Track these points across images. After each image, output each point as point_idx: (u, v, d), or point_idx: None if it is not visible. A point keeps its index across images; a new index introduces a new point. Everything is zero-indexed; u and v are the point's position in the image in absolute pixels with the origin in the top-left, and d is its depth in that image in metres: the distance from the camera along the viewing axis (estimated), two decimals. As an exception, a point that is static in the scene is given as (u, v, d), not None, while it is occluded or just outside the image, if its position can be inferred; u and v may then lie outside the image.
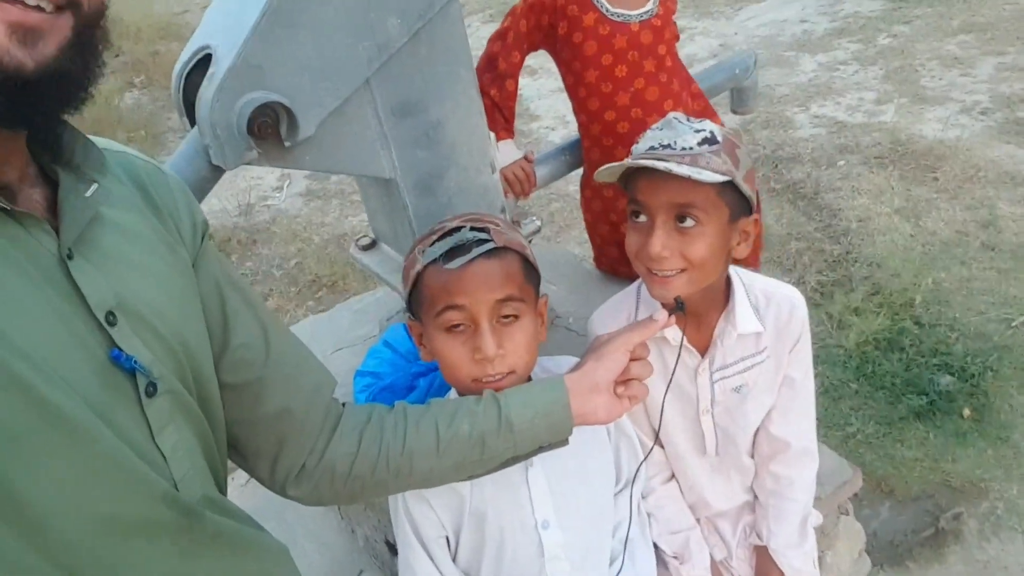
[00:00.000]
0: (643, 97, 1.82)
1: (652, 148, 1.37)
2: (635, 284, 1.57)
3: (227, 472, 1.10)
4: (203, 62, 1.33)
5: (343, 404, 1.25)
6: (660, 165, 1.30)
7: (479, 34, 6.41)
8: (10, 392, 0.77)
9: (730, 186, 1.35)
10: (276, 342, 1.16)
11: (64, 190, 0.89)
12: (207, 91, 1.26)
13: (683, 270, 1.37)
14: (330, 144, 1.39)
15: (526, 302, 1.30)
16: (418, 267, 1.29)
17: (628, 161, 1.36)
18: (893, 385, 3.08)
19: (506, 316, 1.27)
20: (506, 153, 1.84)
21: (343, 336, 1.85)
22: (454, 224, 1.31)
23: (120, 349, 0.88)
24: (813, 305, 3.37)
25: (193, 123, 1.34)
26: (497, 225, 1.32)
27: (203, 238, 1.10)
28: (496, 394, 1.23)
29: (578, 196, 2.06)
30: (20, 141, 0.87)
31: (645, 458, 1.50)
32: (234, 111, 1.26)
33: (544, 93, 5.89)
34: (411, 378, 1.56)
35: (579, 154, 1.95)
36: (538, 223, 1.68)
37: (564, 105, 5.44)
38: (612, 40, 1.79)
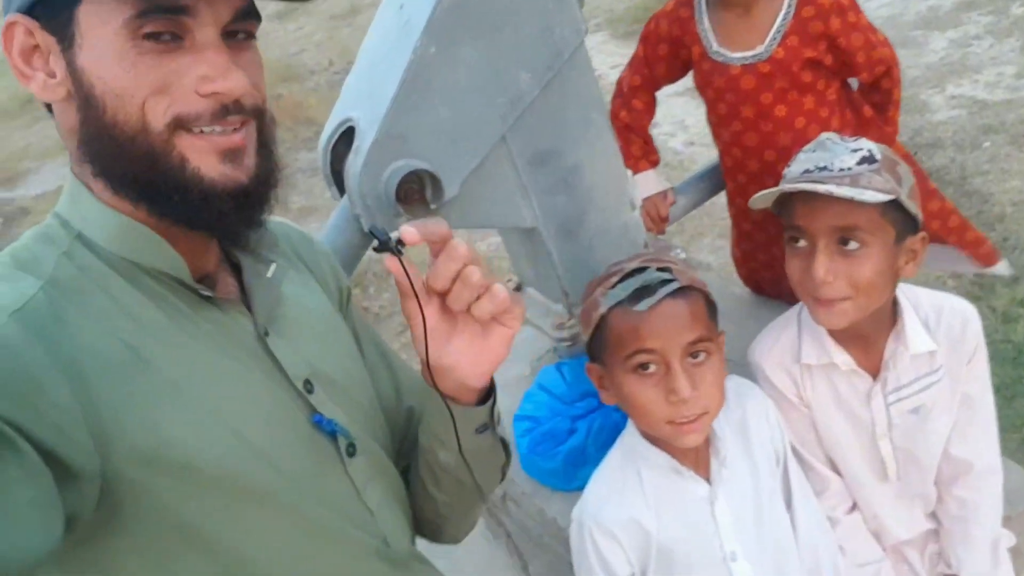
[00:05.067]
0: (741, 140, 1.75)
1: (807, 171, 1.32)
2: (795, 310, 1.52)
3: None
4: (347, 133, 1.37)
5: None
6: (820, 188, 1.26)
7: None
8: (225, 477, 0.82)
9: (894, 205, 1.29)
10: (405, 387, 1.16)
11: (248, 274, 0.95)
12: (354, 165, 1.30)
13: (849, 297, 1.32)
14: (473, 201, 1.41)
15: (713, 341, 1.27)
16: (601, 310, 1.27)
17: (784, 186, 1.32)
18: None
19: (696, 356, 1.25)
20: (645, 185, 1.81)
21: (496, 377, 1.86)
22: (634, 265, 1.29)
23: (321, 414, 0.93)
24: (973, 299, 3.16)
25: (342, 193, 1.39)
26: (676, 264, 1.29)
27: (347, 300, 1.14)
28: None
29: (707, 203, 1.98)
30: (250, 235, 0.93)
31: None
32: (381, 181, 1.30)
33: (661, 98, 5.78)
34: (571, 421, 1.55)
35: (717, 180, 1.91)
36: (683, 255, 1.65)
37: (682, 109, 5.33)
38: (712, 77, 1.72)
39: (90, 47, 0.79)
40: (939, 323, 1.46)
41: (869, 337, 1.44)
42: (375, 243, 0.86)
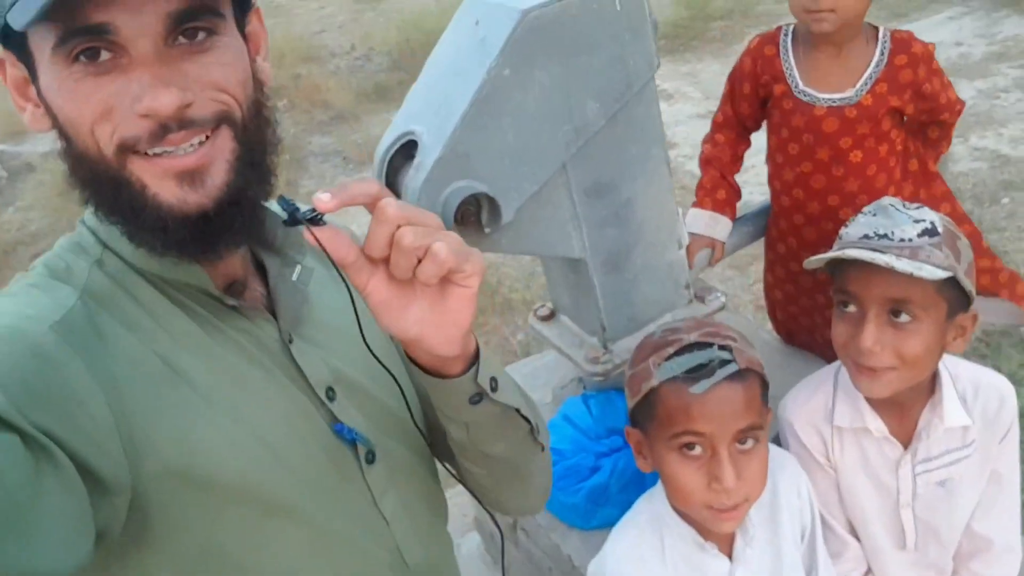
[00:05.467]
0: (808, 182, 1.74)
1: (867, 237, 1.30)
2: (831, 369, 1.51)
3: (446, 522, 1.10)
4: (405, 145, 1.35)
5: None
6: (880, 259, 1.24)
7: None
8: (248, 490, 0.81)
9: (951, 281, 1.27)
10: None
11: (273, 277, 0.93)
12: (415, 180, 1.28)
13: (894, 368, 1.30)
14: (525, 227, 1.38)
15: (764, 428, 1.24)
16: (653, 382, 1.22)
17: (843, 251, 1.30)
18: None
19: (744, 442, 1.21)
20: (696, 222, 1.78)
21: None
22: (694, 338, 1.23)
23: (341, 423, 0.91)
24: (980, 358, 3.17)
25: (393, 205, 1.36)
26: (736, 341, 1.24)
27: None
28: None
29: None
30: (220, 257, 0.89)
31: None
32: (440, 200, 1.27)
33: (681, 119, 5.79)
34: (595, 458, 1.53)
35: (762, 225, 1.89)
36: (722, 299, 1.63)
37: (700, 132, 5.33)
38: (791, 117, 1.71)
39: (42, 76, 0.77)
40: (976, 398, 1.45)
41: (904, 405, 1.43)
42: (285, 218, 0.75)
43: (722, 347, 1.22)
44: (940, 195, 1.82)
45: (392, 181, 1.36)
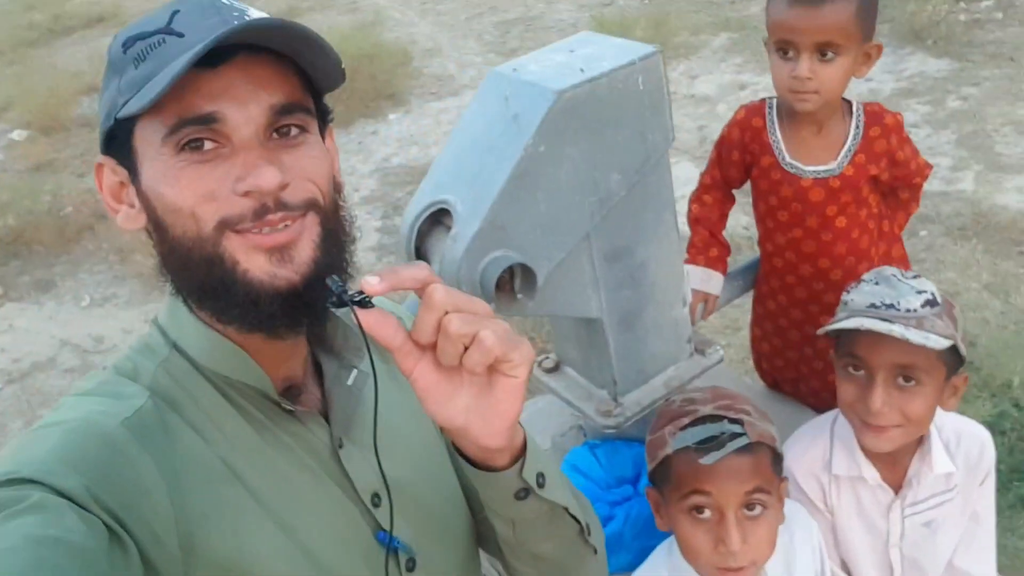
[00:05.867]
0: (799, 247, 1.85)
1: (873, 306, 1.41)
2: (827, 419, 1.61)
3: None
4: (434, 213, 1.39)
5: None
6: (895, 331, 1.34)
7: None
8: None
9: (950, 347, 1.38)
10: None
11: (329, 380, 0.95)
12: (453, 251, 1.32)
13: (898, 425, 1.41)
14: (550, 292, 1.44)
15: (772, 494, 1.32)
16: (668, 450, 1.31)
17: (861, 323, 1.39)
18: (998, 472, 3.06)
19: (752, 508, 1.29)
20: (698, 280, 1.87)
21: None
22: (708, 410, 1.32)
23: (384, 531, 0.94)
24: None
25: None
26: (749, 414, 1.33)
27: None
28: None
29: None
30: (304, 334, 0.91)
31: None
32: (478, 269, 1.32)
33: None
34: (608, 507, 1.59)
35: (751, 279, 1.99)
36: (721, 353, 1.72)
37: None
38: (780, 187, 1.82)
39: (146, 170, 0.82)
40: (959, 447, 1.57)
41: (896, 455, 1.54)
42: (332, 298, 0.77)
43: (734, 420, 1.31)
44: (898, 257, 1.96)
45: (419, 245, 1.40)
